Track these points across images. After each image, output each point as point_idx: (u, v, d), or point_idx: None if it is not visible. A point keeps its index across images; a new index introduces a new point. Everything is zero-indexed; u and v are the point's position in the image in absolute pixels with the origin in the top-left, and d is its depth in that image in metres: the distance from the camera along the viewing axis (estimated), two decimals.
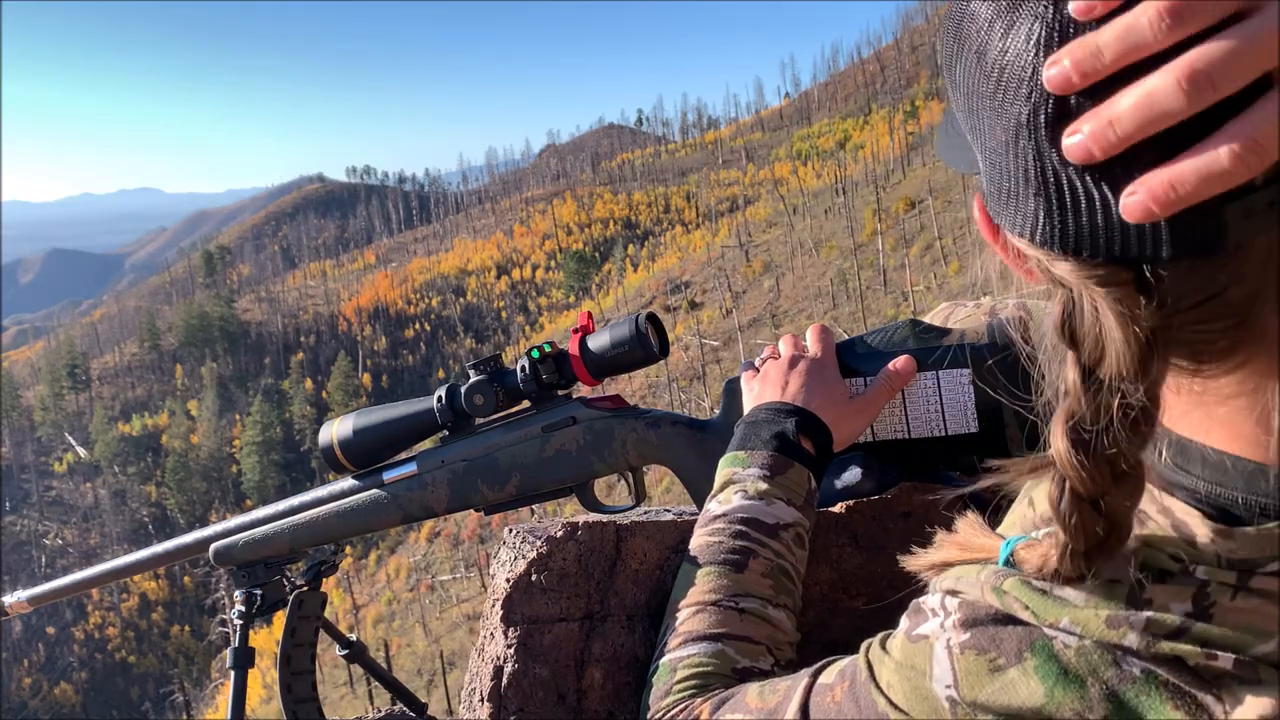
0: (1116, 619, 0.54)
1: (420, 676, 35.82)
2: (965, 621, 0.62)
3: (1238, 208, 0.44)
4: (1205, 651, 0.52)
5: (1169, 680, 0.53)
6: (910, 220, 58.41)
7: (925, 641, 0.64)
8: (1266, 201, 0.44)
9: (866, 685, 0.69)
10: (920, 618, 0.66)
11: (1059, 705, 0.56)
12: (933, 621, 0.64)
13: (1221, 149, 0.42)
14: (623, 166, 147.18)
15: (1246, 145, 0.41)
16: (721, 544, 0.96)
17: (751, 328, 53.17)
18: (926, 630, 0.65)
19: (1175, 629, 0.53)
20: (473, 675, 1.14)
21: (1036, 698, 0.57)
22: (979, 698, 0.60)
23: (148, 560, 1.40)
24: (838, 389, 1.05)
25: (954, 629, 0.62)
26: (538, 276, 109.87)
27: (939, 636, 0.63)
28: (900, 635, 0.68)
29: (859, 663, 0.72)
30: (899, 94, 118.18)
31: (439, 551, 52.82)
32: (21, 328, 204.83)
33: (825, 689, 0.74)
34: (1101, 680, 0.55)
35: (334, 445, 1.22)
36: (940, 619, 0.64)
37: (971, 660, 0.61)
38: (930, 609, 0.66)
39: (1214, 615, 0.52)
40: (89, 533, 79.30)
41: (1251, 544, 0.52)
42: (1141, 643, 0.53)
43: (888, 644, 0.69)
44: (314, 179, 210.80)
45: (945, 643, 0.63)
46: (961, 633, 0.62)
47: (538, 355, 1.15)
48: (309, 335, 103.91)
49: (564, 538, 1.11)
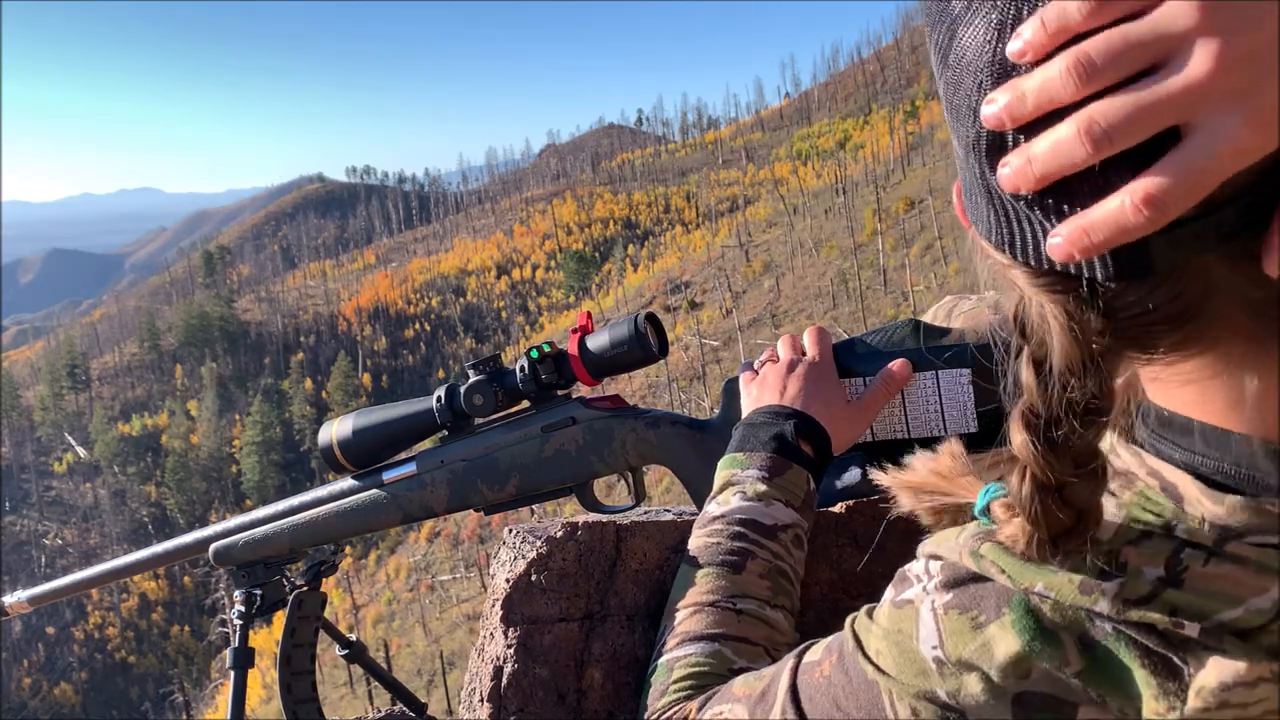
0: (1089, 585, 0.55)
1: (420, 676, 35.80)
2: (947, 583, 0.63)
3: (1163, 241, 0.45)
4: (1173, 620, 0.53)
5: (1138, 640, 0.54)
6: (910, 220, 58.39)
7: (910, 606, 0.65)
8: (1193, 234, 0.45)
9: (854, 655, 0.70)
10: (905, 585, 0.67)
11: (1037, 658, 0.57)
12: (916, 587, 0.65)
13: (1126, 203, 0.43)
14: (623, 166, 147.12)
15: (1146, 200, 0.43)
16: (720, 545, 0.96)
17: (751, 328, 53.15)
18: (911, 595, 0.66)
19: (1145, 595, 0.53)
20: (473, 675, 1.14)
21: (1016, 650, 0.58)
22: (963, 655, 0.61)
23: (148, 560, 1.40)
24: (836, 392, 1.05)
25: (937, 591, 0.63)
26: (538, 276, 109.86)
27: (923, 600, 0.64)
28: (886, 603, 0.69)
29: (845, 635, 0.72)
30: (899, 94, 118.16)
31: (439, 551, 52.80)
32: (21, 328, 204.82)
33: (812, 665, 0.75)
34: (1076, 634, 0.57)
35: (333, 445, 1.22)
36: (924, 583, 0.65)
37: (955, 620, 0.62)
38: (915, 575, 0.67)
39: (1185, 581, 0.53)
40: (89, 533, 79.28)
41: (1241, 513, 0.52)
42: (1112, 609, 0.54)
43: (874, 614, 0.70)
44: (314, 179, 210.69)
45: (930, 604, 0.64)
46: (944, 594, 0.63)
47: (537, 355, 1.15)
48: (309, 335, 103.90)
49: (564, 538, 1.11)
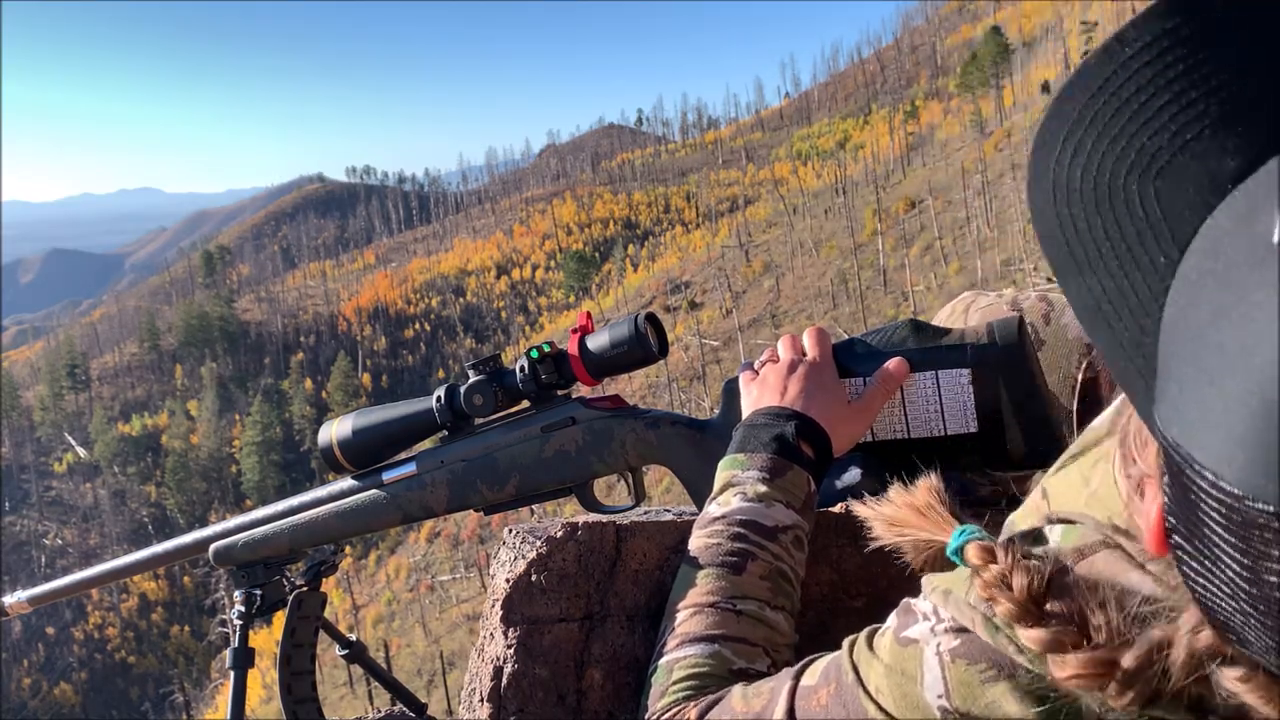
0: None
1: (420, 676, 35.81)
2: (956, 628, 0.62)
3: None
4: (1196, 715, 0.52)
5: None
6: (910, 220, 58.41)
7: (915, 646, 0.63)
8: None
9: (854, 689, 0.68)
10: (910, 618, 0.65)
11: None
12: (923, 625, 0.64)
13: None
14: (623, 166, 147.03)
15: None
16: (720, 546, 0.96)
17: (751, 328, 53.16)
18: (916, 634, 0.64)
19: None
20: (473, 675, 1.13)
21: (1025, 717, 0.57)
22: (972, 710, 0.59)
23: (148, 560, 1.40)
24: (836, 393, 1.05)
25: (945, 634, 0.62)
26: (538, 276, 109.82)
27: (929, 641, 0.63)
28: (889, 635, 0.67)
29: (843, 664, 0.71)
30: (899, 94, 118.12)
31: (439, 551, 52.80)
32: (21, 328, 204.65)
33: (810, 691, 0.74)
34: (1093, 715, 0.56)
35: (333, 445, 1.22)
36: (931, 623, 0.63)
37: (963, 670, 0.60)
38: (922, 612, 0.65)
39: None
40: (89, 533, 79.27)
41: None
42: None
43: (875, 644, 0.69)
44: (314, 179, 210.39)
45: (935, 648, 0.62)
46: (952, 639, 0.61)
47: (537, 355, 1.15)
48: (309, 335, 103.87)
49: (564, 538, 1.10)
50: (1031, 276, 37.13)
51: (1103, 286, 0.44)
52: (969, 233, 49.95)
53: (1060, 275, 0.46)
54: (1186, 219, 0.40)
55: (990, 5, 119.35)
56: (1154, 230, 0.41)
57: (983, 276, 42.89)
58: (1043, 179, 0.44)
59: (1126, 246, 0.42)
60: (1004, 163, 55.73)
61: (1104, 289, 0.44)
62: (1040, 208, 0.45)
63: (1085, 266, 0.44)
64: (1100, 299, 0.44)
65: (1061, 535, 0.63)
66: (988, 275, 42.64)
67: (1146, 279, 0.42)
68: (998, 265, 43.37)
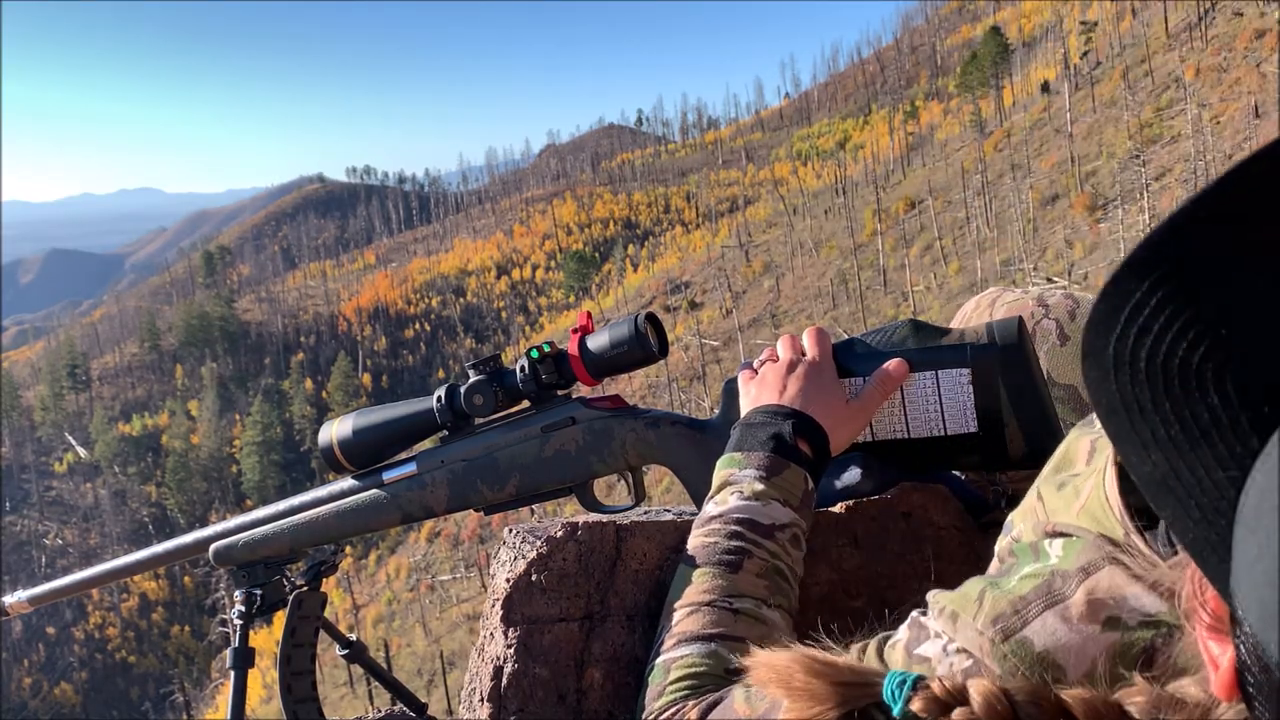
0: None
1: (420, 676, 35.81)
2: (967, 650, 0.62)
3: None
4: None
5: None
6: (910, 220, 58.41)
7: (928, 665, 0.64)
8: None
9: None
10: (922, 634, 0.65)
11: None
12: (935, 644, 0.64)
13: None
14: (623, 166, 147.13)
15: None
16: (717, 545, 0.96)
17: (751, 328, 53.17)
18: (929, 652, 0.64)
19: None
20: (473, 675, 1.13)
21: None
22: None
23: (148, 560, 1.40)
24: (835, 392, 1.05)
25: (956, 654, 0.62)
26: (538, 276, 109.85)
27: (941, 660, 0.63)
28: (900, 650, 0.67)
29: None
30: (899, 94, 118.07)
31: (439, 551, 52.80)
32: (21, 328, 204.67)
33: None
34: None
35: (333, 445, 1.22)
36: (943, 641, 0.63)
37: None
38: (934, 631, 0.65)
39: None
40: (89, 533, 79.27)
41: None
42: None
43: (886, 656, 0.68)
44: (314, 179, 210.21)
45: (949, 668, 0.62)
46: (964, 659, 0.61)
47: (537, 355, 1.15)
48: (309, 335, 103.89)
49: (564, 538, 1.10)
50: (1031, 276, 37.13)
51: (1170, 465, 0.41)
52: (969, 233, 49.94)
53: (1121, 446, 0.44)
54: (1263, 408, 0.37)
55: (990, 5, 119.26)
56: (1230, 416, 0.38)
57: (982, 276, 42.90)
58: (1100, 354, 0.42)
59: (1200, 431, 0.39)
60: (1004, 163, 55.73)
61: (1171, 468, 0.41)
62: (1095, 380, 0.43)
63: (1151, 444, 0.41)
64: (1167, 475, 0.41)
65: (1063, 550, 0.63)
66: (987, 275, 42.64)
67: (1221, 464, 0.39)
68: (997, 265, 43.36)
